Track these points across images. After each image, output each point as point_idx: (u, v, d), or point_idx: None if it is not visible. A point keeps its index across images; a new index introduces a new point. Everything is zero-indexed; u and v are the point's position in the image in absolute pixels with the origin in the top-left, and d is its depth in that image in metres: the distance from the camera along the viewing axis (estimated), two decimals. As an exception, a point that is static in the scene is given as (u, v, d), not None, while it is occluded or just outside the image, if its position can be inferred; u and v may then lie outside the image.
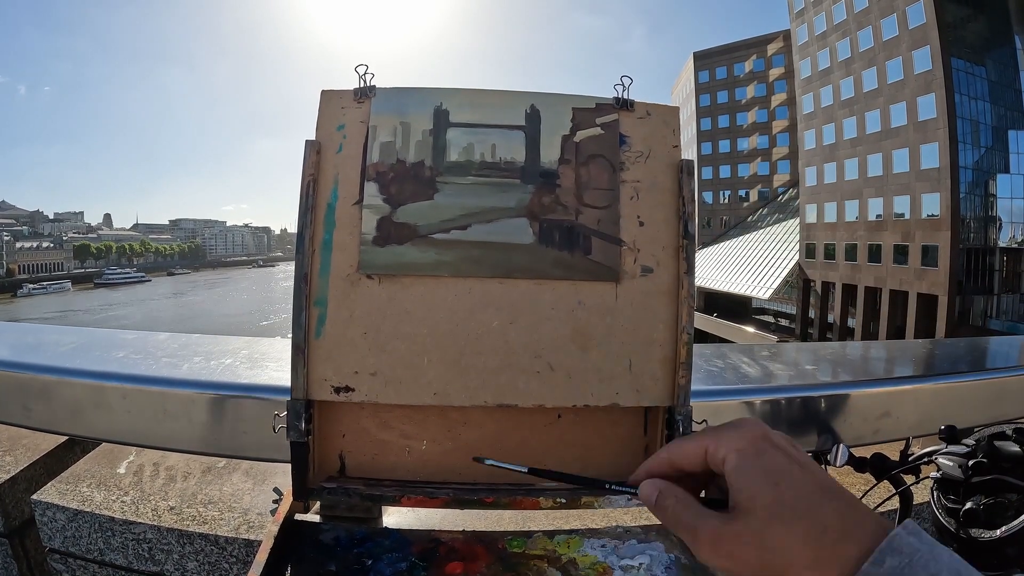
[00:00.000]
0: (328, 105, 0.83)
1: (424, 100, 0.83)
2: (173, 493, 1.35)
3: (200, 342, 1.64)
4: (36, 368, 1.39)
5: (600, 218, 0.81)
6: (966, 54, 27.95)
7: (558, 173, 0.82)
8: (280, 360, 1.44)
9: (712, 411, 1.31)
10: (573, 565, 0.77)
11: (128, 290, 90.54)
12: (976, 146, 27.98)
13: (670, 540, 0.82)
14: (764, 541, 0.40)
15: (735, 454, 0.44)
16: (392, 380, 0.79)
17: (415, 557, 0.77)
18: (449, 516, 1.22)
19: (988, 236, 28.62)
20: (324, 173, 0.81)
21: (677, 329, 0.81)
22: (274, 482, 1.42)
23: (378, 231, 0.80)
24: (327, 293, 0.79)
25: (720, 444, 0.45)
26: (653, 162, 0.83)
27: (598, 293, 0.81)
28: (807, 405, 1.37)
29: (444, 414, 0.86)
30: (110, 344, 1.63)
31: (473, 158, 0.82)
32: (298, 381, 0.78)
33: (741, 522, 0.42)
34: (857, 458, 1.25)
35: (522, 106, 0.83)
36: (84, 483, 1.38)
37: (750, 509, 0.41)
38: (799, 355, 1.91)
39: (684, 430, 0.81)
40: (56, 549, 1.32)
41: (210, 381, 1.30)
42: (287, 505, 0.82)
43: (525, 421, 0.87)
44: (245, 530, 1.24)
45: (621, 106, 0.84)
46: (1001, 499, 1.02)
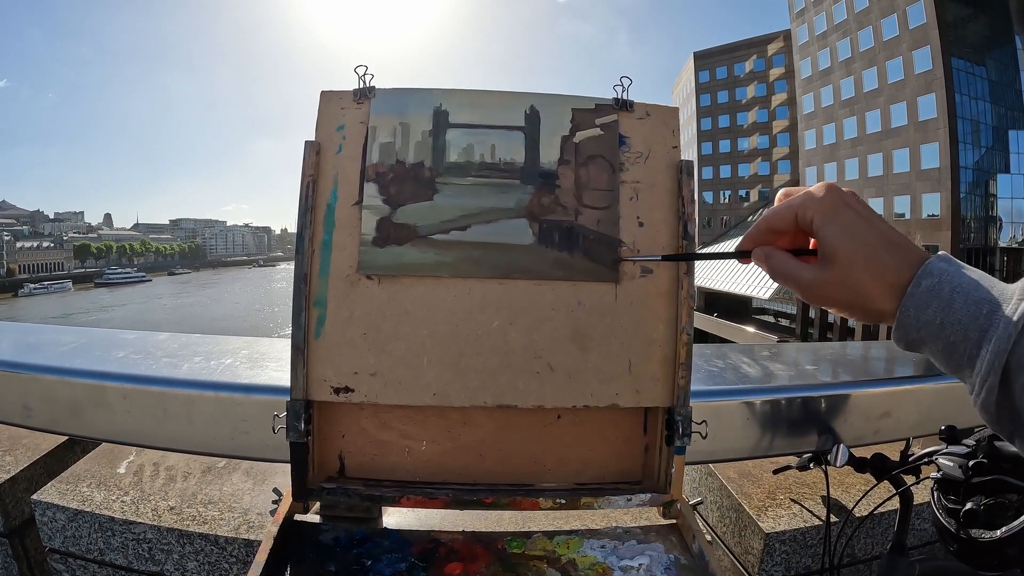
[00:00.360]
0: (328, 106, 0.83)
1: (424, 101, 0.83)
2: (173, 493, 1.35)
3: (200, 342, 1.64)
4: (36, 368, 1.39)
5: (600, 219, 0.81)
6: (967, 54, 27.93)
7: (558, 174, 0.82)
8: (280, 360, 1.44)
9: (712, 411, 1.31)
10: (573, 566, 0.77)
11: (128, 290, 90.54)
12: (976, 146, 27.97)
13: (670, 540, 0.82)
14: (847, 282, 0.53)
15: (819, 215, 0.55)
16: (392, 381, 0.79)
17: (415, 557, 0.77)
18: (449, 516, 1.22)
19: (988, 236, 28.60)
20: (324, 174, 0.81)
21: (677, 329, 0.81)
22: (274, 482, 1.42)
23: (378, 232, 0.80)
24: (327, 293, 0.79)
25: (807, 208, 0.56)
26: (653, 163, 0.83)
27: (598, 293, 0.81)
28: (807, 405, 1.37)
29: (444, 414, 0.86)
30: (110, 344, 1.63)
31: (473, 159, 0.82)
32: (298, 381, 0.78)
33: (830, 271, 0.54)
34: (857, 458, 1.25)
35: (521, 107, 0.83)
36: (84, 483, 1.38)
37: (835, 259, 0.54)
38: (799, 355, 1.91)
39: (683, 431, 0.81)
40: (56, 549, 1.32)
41: (210, 381, 1.30)
42: (287, 505, 0.82)
43: (525, 421, 0.87)
44: (245, 530, 1.24)
45: (620, 107, 0.84)
46: (1001, 499, 1.02)
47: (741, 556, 1.38)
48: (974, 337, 0.47)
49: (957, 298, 0.48)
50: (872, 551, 1.37)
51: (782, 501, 1.40)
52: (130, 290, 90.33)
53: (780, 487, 1.46)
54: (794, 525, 1.32)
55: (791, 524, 1.32)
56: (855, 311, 0.56)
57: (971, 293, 0.48)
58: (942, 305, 0.49)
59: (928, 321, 0.50)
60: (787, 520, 1.33)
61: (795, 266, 0.58)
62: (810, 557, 1.32)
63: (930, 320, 0.50)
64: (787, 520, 1.33)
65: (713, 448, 1.33)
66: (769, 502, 1.40)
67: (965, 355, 0.48)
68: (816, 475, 1.46)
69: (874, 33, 30.92)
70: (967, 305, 0.48)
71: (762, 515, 1.34)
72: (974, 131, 27.84)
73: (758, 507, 1.37)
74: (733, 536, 1.42)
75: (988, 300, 0.47)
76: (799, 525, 1.32)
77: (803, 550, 1.32)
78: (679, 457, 0.83)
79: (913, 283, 0.51)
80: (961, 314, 0.48)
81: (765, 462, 1.52)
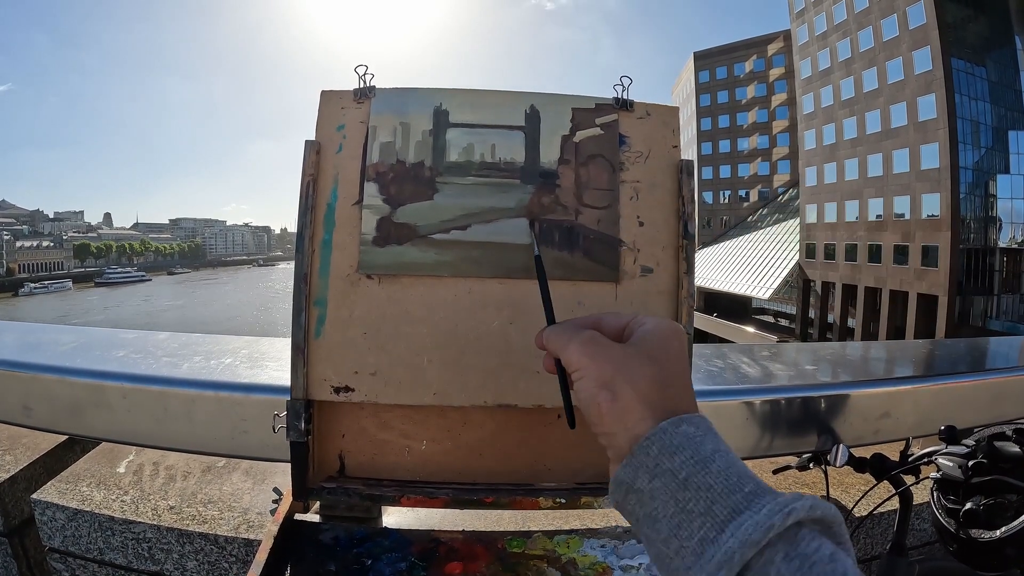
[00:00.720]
0: (328, 105, 0.83)
1: (424, 100, 0.83)
2: (173, 492, 1.35)
3: (200, 341, 1.64)
4: (36, 367, 1.39)
5: (600, 218, 0.81)
6: (966, 54, 27.94)
7: (558, 173, 0.82)
8: (280, 360, 1.44)
9: (712, 411, 1.32)
10: (573, 565, 0.77)
11: (128, 289, 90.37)
12: (976, 146, 27.99)
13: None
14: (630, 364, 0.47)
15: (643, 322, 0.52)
16: (392, 380, 0.79)
17: (415, 557, 0.77)
18: (449, 516, 1.22)
19: (988, 236, 28.62)
20: (324, 173, 0.81)
21: (677, 329, 0.81)
22: (274, 481, 1.42)
23: (378, 231, 0.80)
24: (327, 293, 0.79)
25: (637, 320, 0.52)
26: (653, 162, 0.83)
27: (598, 293, 0.81)
28: (807, 405, 1.38)
29: (444, 414, 0.86)
30: (110, 343, 1.63)
31: (473, 158, 0.82)
32: (298, 381, 0.78)
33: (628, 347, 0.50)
34: (857, 458, 1.26)
35: (522, 106, 0.83)
36: (84, 482, 1.38)
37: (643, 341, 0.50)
38: (799, 355, 1.91)
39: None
40: (56, 548, 1.32)
41: (210, 380, 1.30)
42: (287, 505, 0.82)
43: (525, 421, 0.86)
44: (245, 529, 1.24)
45: (621, 106, 0.84)
46: (1001, 499, 1.02)
47: (741, 556, 1.38)
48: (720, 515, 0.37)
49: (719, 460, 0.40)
50: (872, 551, 1.37)
51: (782, 501, 1.40)
52: (129, 289, 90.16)
53: (780, 487, 1.46)
54: (794, 525, 1.32)
55: (791, 524, 1.32)
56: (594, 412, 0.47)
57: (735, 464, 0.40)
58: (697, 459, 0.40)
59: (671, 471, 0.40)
60: (787, 520, 1.33)
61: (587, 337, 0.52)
62: (810, 557, 1.32)
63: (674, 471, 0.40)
64: (787, 520, 1.33)
65: (713, 448, 1.33)
66: (769, 502, 1.40)
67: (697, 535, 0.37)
68: (816, 475, 1.47)
69: (874, 33, 30.95)
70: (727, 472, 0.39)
71: (762, 515, 1.34)
72: (974, 132, 27.87)
73: (758, 507, 1.37)
74: (733, 536, 1.42)
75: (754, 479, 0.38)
76: (799, 525, 1.32)
77: (803, 550, 1.32)
78: (679, 457, 0.83)
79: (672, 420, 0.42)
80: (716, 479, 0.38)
81: (765, 462, 1.52)
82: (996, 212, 28.47)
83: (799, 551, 0.34)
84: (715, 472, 0.39)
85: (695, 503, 0.38)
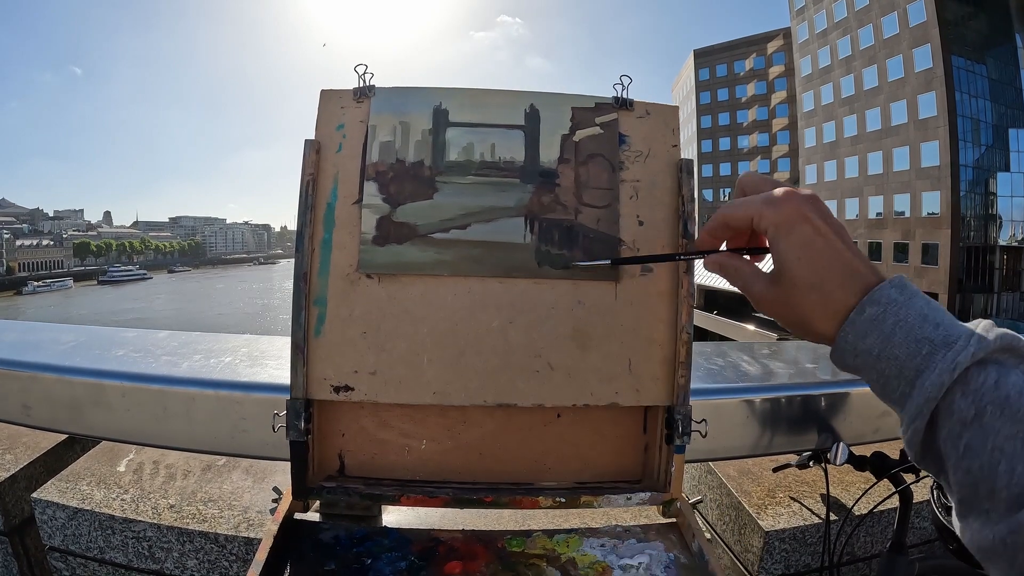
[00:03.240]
0: (328, 105, 0.82)
1: (423, 100, 0.83)
2: (173, 491, 1.36)
3: (200, 340, 1.64)
4: (36, 366, 1.39)
5: (599, 217, 0.81)
6: (967, 52, 27.91)
7: (557, 172, 0.82)
8: (280, 358, 1.43)
9: (712, 409, 1.31)
10: (572, 564, 0.77)
11: (133, 287, 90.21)
12: (976, 144, 27.97)
13: (669, 539, 0.82)
14: (791, 302, 0.53)
15: (774, 227, 0.53)
16: (392, 379, 0.79)
17: (415, 556, 0.77)
18: (448, 515, 1.22)
19: (988, 234, 28.62)
20: (324, 172, 0.81)
21: (677, 329, 0.81)
22: (273, 480, 1.42)
23: (378, 230, 0.80)
24: (327, 292, 0.79)
25: (763, 217, 0.54)
26: (652, 161, 0.83)
27: (598, 293, 0.80)
28: (807, 403, 1.37)
29: (444, 413, 0.86)
30: (110, 342, 1.63)
31: (473, 158, 0.82)
32: (298, 380, 0.78)
33: (776, 288, 0.54)
34: (857, 456, 1.26)
35: (521, 106, 0.83)
36: (84, 481, 1.38)
37: (782, 278, 0.53)
38: (799, 353, 1.90)
39: (683, 429, 0.81)
40: (56, 547, 1.32)
41: (210, 379, 1.30)
42: (287, 504, 0.82)
43: (525, 420, 0.86)
44: (245, 528, 1.24)
45: (620, 105, 0.84)
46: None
47: (741, 554, 1.38)
48: (908, 376, 0.46)
49: (899, 332, 0.47)
50: (872, 549, 1.38)
51: (782, 499, 1.40)
52: (134, 287, 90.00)
53: (780, 485, 1.46)
54: (794, 523, 1.32)
55: (791, 522, 1.32)
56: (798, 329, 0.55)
57: (914, 330, 0.47)
58: (882, 337, 0.48)
59: (865, 350, 0.49)
60: (787, 518, 1.33)
61: (748, 276, 0.58)
62: (810, 555, 1.32)
63: (867, 350, 0.49)
64: (787, 518, 1.33)
65: (713, 446, 1.33)
66: (769, 500, 1.40)
67: (897, 391, 0.47)
68: (816, 473, 1.47)
69: (874, 31, 30.90)
70: (907, 342, 0.47)
71: (762, 513, 1.35)
72: (974, 129, 27.85)
73: (758, 505, 1.38)
74: (733, 534, 1.42)
75: (929, 340, 0.46)
76: (799, 523, 1.32)
77: (803, 548, 1.32)
78: (679, 456, 0.83)
79: (856, 309, 0.50)
80: (899, 350, 0.47)
81: (765, 460, 1.53)
82: (996, 210, 28.48)
83: (971, 388, 0.43)
84: (898, 343, 0.47)
85: (889, 370, 0.47)
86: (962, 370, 0.43)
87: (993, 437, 0.41)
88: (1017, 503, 0.40)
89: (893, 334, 0.47)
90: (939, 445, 0.45)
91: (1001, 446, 0.41)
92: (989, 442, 0.41)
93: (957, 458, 0.43)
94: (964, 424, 0.43)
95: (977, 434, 0.42)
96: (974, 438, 0.42)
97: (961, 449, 0.43)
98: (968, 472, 0.42)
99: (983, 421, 0.42)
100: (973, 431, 0.42)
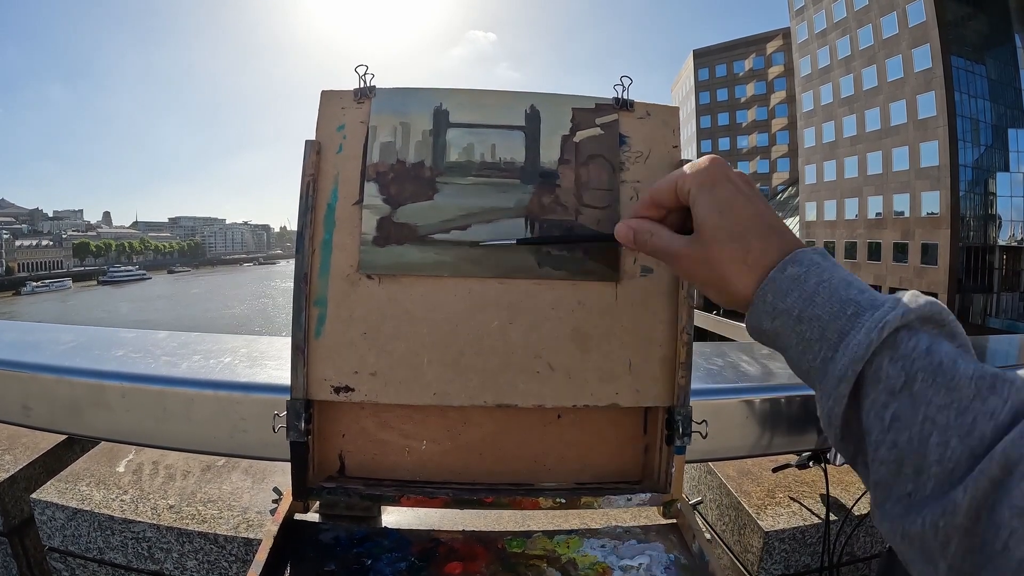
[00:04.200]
0: (328, 105, 0.82)
1: (424, 100, 0.83)
2: (172, 492, 1.35)
3: (199, 340, 1.64)
4: (35, 367, 1.39)
5: (600, 218, 0.81)
6: (966, 52, 27.93)
7: (558, 173, 0.82)
8: (280, 359, 1.43)
9: (712, 410, 1.31)
10: (572, 565, 0.77)
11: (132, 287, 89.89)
12: (976, 144, 27.99)
13: (669, 540, 0.82)
14: (708, 256, 0.50)
15: (696, 187, 0.52)
16: (392, 380, 0.79)
17: (415, 557, 0.77)
18: (448, 516, 1.22)
19: (988, 234, 28.64)
20: (324, 173, 0.81)
21: (677, 329, 0.81)
22: (273, 480, 1.42)
23: (378, 231, 0.80)
24: (327, 293, 0.79)
25: (686, 179, 0.53)
26: (653, 162, 0.83)
27: (598, 293, 0.81)
28: (807, 404, 1.37)
29: (444, 414, 0.86)
30: (109, 343, 1.63)
31: (473, 158, 0.82)
32: (298, 381, 0.78)
33: (694, 244, 0.52)
34: (856, 457, 1.26)
35: (522, 106, 0.83)
36: (83, 482, 1.38)
37: (700, 233, 0.51)
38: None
39: (684, 430, 0.81)
40: (55, 548, 1.32)
41: (209, 380, 1.29)
42: (286, 505, 0.82)
43: (525, 421, 0.87)
44: (244, 529, 1.24)
45: (621, 106, 0.84)
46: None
47: (741, 555, 1.38)
48: (832, 338, 0.43)
49: (822, 292, 0.45)
50: (872, 550, 1.38)
51: (781, 499, 1.40)
52: (135, 287, 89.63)
53: (779, 485, 1.46)
54: (793, 523, 1.32)
55: (790, 522, 1.32)
56: (713, 291, 0.52)
57: (839, 291, 0.44)
58: (804, 296, 0.45)
59: (785, 311, 0.46)
60: (786, 518, 1.33)
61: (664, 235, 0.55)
62: (809, 555, 1.32)
63: (787, 310, 0.46)
64: (786, 518, 1.33)
65: (712, 446, 1.33)
66: (768, 500, 1.40)
67: (818, 357, 0.44)
68: (816, 473, 1.47)
69: (874, 31, 30.92)
70: (831, 302, 0.44)
71: (761, 513, 1.35)
72: (973, 129, 27.87)
73: (757, 505, 1.38)
74: (732, 534, 1.42)
75: (855, 302, 0.43)
76: (798, 523, 1.32)
77: (802, 548, 1.32)
78: (679, 457, 0.83)
79: (777, 268, 0.47)
80: (822, 310, 0.44)
81: (764, 460, 1.53)
82: (996, 210, 28.49)
83: (900, 353, 0.40)
84: (820, 304, 0.44)
85: (810, 332, 0.45)
86: (891, 331, 0.40)
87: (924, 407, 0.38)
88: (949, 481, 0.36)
89: (816, 294, 0.45)
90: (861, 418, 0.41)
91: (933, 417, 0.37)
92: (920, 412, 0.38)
93: (881, 431, 0.40)
94: (891, 393, 0.39)
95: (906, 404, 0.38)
96: (903, 408, 0.39)
97: (887, 420, 0.39)
98: (893, 446, 0.39)
99: (913, 389, 0.38)
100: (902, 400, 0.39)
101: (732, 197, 0.51)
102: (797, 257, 0.47)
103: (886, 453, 0.39)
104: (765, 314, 0.48)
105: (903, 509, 0.38)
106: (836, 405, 0.42)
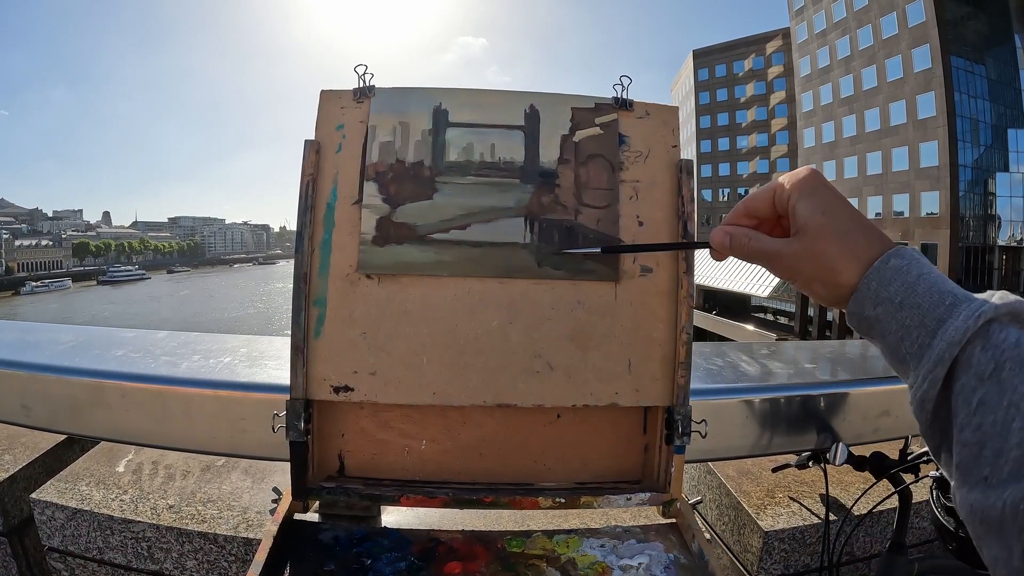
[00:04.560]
0: (327, 105, 0.82)
1: (423, 100, 0.83)
2: (172, 492, 1.35)
3: (199, 340, 1.64)
4: (35, 367, 1.39)
5: (599, 218, 0.81)
6: (966, 52, 27.91)
7: (557, 173, 0.82)
8: (279, 359, 1.43)
9: (712, 409, 1.31)
10: (572, 565, 0.77)
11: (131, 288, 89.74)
12: (976, 144, 27.98)
13: (669, 539, 0.82)
14: (815, 251, 0.54)
15: (796, 192, 0.56)
16: (391, 380, 0.79)
17: (414, 557, 0.77)
18: (448, 515, 1.22)
19: (987, 234, 28.63)
20: (323, 173, 0.81)
21: (676, 329, 0.81)
22: (273, 480, 1.42)
23: (377, 231, 0.79)
24: (326, 293, 0.79)
25: (784, 188, 0.57)
26: (652, 162, 0.83)
27: (597, 293, 0.81)
28: (806, 404, 1.37)
29: (443, 414, 0.86)
30: (109, 342, 1.63)
31: (472, 158, 0.82)
32: (297, 381, 0.78)
33: (799, 242, 0.55)
34: (856, 457, 1.26)
35: (521, 106, 0.83)
36: (83, 482, 1.38)
37: (806, 230, 0.54)
38: (798, 353, 1.90)
39: (683, 430, 0.81)
40: (55, 548, 1.32)
41: (209, 379, 1.29)
42: (286, 504, 0.82)
43: (525, 421, 0.86)
44: (244, 529, 1.24)
45: (620, 106, 0.84)
46: (999, 498, 1.02)
47: (740, 554, 1.38)
48: (931, 325, 0.46)
49: (923, 283, 0.48)
50: (871, 549, 1.38)
51: (781, 499, 1.40)
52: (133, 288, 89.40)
53: (779, 485, 1.46)
54: (793, 523, 1.32)
55: (790, 522, 1.32)
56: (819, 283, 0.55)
57: (938, 283, 0.48)
58: (906, 285, 0.49)
59: (888, 298, 0.50)
60: (786, 518, 1.33)
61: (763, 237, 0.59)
62: (809, 555, 1.32)
63: (890, 297, 0.49)
64: (786, 518, 1.33)
65: (712, 446, 1.33)
66: (768, 500, 1.40)
67: (916, 343, 0.47)
68: (815, 473, 1.47)
69: (873, 31, 30.91)
70: (931, 292, 0.48)
71: (761, 513, 1.35)
72: (973, 129, 27.86)
73: (757, 505, 1.38)
74: (732, 534, 1.42)
75: (953, 294, 0.47)
76: (798, 523, 1.32)
77: (802, 548, 1.32)
78: (678, 456, 0.83)
79: (881, 259, 0.51)
80: (923, 299, 0.48)
81: (764, 460, 1.53)
82: (995, 210, 28.48)
83: (992, 343, 0.43)
84: (921, 293, 0.48)
85: (911, 319, 0.48)
86: (985, 320, 0.44)
87: (1011, 393, 0.40)
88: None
89: (917, 284, 0.48)
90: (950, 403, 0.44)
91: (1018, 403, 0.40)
92: (1006, 398, 0.40)
93: (968, 413, 0.42)
94: (980, 379, 0.42)
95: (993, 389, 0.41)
96: (990, 394, 0.41)
97: (974, 404, 0.42)
98: (978, 429, 0.41)
99: (1001, 376, 0.41)
100: (989, 386, 0.42)
101: (833, 200, 0.55)
102: (899, 251, 0.51)
103: (970, 435, 0.42)
104: (868, 300, 0.51)
105: (981, 492, 0.40)
106: (931, 388, 0.45)
